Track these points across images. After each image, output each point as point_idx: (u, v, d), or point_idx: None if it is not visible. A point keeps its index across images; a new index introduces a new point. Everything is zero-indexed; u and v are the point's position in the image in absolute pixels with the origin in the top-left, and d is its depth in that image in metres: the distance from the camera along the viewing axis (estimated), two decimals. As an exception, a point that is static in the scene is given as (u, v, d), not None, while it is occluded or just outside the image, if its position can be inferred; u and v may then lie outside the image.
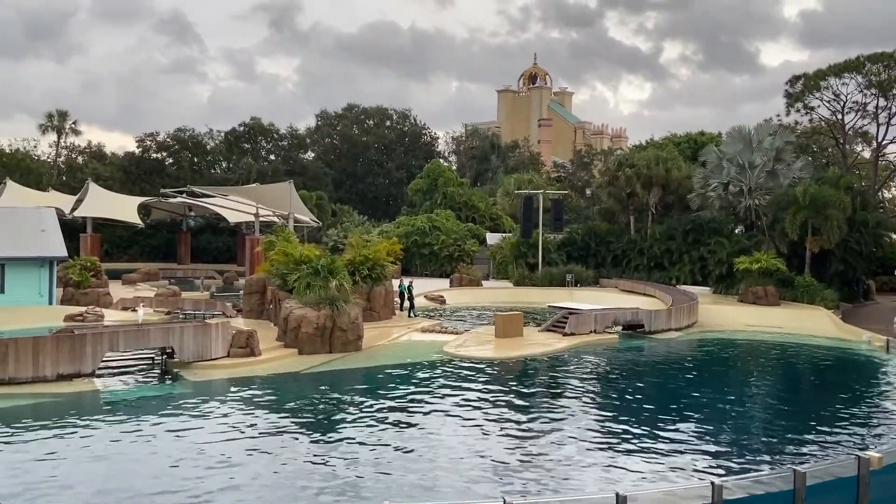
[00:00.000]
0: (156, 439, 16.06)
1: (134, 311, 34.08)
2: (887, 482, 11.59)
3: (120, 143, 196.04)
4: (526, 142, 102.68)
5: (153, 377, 22.60)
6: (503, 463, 14.82)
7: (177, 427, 16.99)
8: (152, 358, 23.82)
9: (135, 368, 23.33)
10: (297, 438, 16.35)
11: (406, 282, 38.17)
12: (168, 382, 21.99)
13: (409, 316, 35.72)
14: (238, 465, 14.42)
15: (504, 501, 9.37)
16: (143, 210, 67.01)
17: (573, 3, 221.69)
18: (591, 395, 21.23)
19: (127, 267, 59.46)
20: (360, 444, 15.90)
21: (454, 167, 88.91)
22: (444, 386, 21.83)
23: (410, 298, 36.88)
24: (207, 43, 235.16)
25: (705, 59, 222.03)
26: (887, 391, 23.47)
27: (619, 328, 32.44)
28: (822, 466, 11.21)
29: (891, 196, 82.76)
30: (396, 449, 15.56)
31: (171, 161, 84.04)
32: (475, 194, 71.12)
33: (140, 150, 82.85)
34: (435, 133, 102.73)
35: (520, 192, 58.84)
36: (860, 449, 14.01)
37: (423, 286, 43.07)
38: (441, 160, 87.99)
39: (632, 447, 15.86)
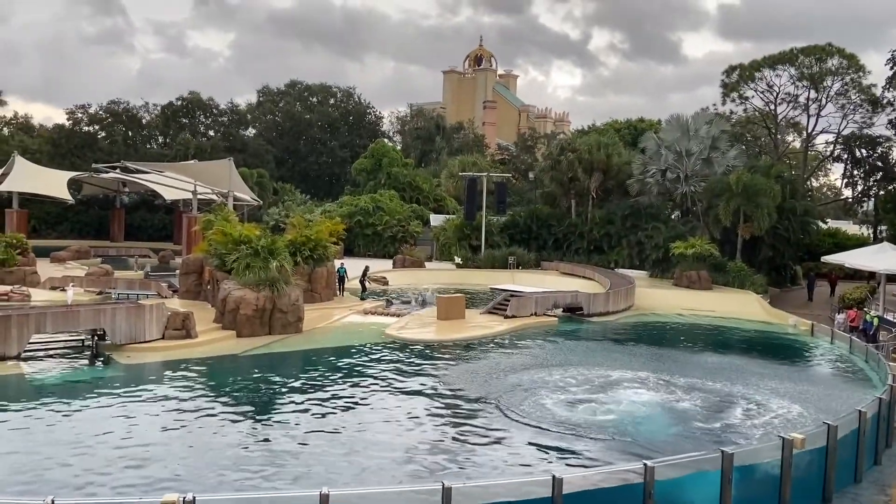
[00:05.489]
0: (83, 424, 15.51)
1: (63, 290, 32.73)
2: (809, 462, 12.17)
3: (44, 114, 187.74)
4: (471, 123, 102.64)
5: (83, 360, 21.81)
6: (439, 447, 14.89)
7: (106, 412, 16.46)
8: (82, 340, 22.96)
9: (63, 351, 22.45)
10: (231, 422, 16.04)
11: (362, 265, 39.05)
12: (98, 366, 21.25)
13: (361, 298, 35.71)
14: (168, 449, 14.08)
15: (443, 485, 9.42)
16: (74, 185, 64.22)
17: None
18: (529, 378, 21.46)
19: (56, 244, 57.02)
20: (297, 427, 15.74)
21: (399, 147, 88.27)
22: (384, 369, 21.77)
23: (363, 281, 37.33)
24: (132, 14, 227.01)
25: (631, 48, 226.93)
26: (814, 370, 24.66)
27: (559, 311, 32.95)
28: (749, 448, 11.66)
29: (818, 185, 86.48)
30: (333, 433, 15.45)
31: (103, 135, 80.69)
32: (419, 175, 70.81)
33: (70, 122, 79.24)
34: (379, 112, 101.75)
35: (464, 174, 58.91)
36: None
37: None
38: (386, 140, 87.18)
39: (566, 430, 16.13)
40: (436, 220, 60.05)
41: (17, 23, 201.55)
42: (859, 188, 63.19)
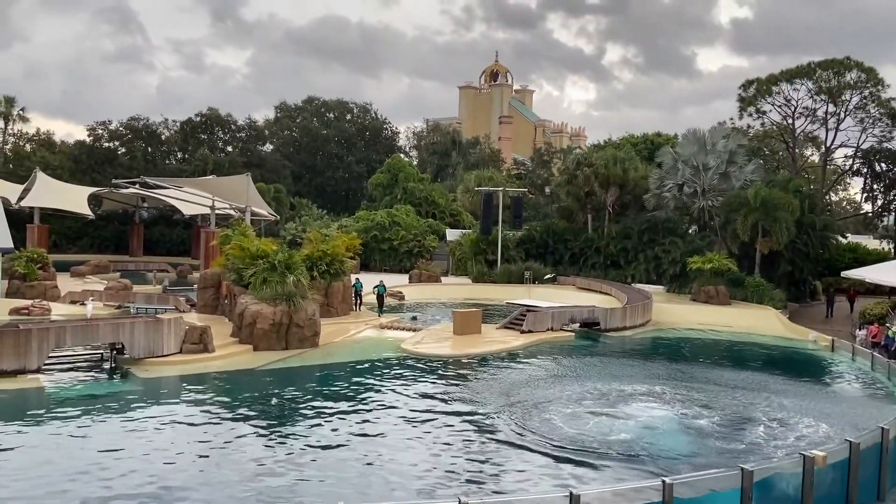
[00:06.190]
0: (100, 438, 15.62)
1: (82, 304, 33.10)
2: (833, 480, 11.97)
3: (65, 130, 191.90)
4: (487, 138, 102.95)
5: (102, 374, 22.00)
6: (454, 463, 14.82)
7: (124, 425, 16.56)
8: (101, 354, 23.19)
9: (82, 365, 22.67)
10: (247, 436, 16.07)
11: (377, 280, 38.84)
12: (117, 379, 21.43)
13: (379, 314, 35.62)
14: (185, 463, 14.13)
15: (459, 501, 9.37)
16: (94, 201, 65.10)
17: (513, 4, 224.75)
18: (544, 394, 21.35)
19: (76, 259, 57.73)
20: (313, 442, 15.73)
21: (415, 162, 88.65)
22: (399, 384, 21.75)
23: (380, 297, 37.17)
24: (151, 32, 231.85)
25: (645, 62, 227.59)
26: (836, 387, 24.28)
27: (576, 326, 32.79)
28: (770, 465, 11.50)
29: (837, 199, 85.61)
30: (349, 448, 15.44)
31: (123, 151, 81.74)
32: (435, 190, 71.04)
33: (91, 138, 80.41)
34: (396, 128, 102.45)
35: (480, 188, 59.04)
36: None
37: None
38: (402, 155, 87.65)
39: (581, 447, 16.00)
40: (452, 234, 60.13)
41: (40, 41, 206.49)
42: (879, 202, 62.47)
